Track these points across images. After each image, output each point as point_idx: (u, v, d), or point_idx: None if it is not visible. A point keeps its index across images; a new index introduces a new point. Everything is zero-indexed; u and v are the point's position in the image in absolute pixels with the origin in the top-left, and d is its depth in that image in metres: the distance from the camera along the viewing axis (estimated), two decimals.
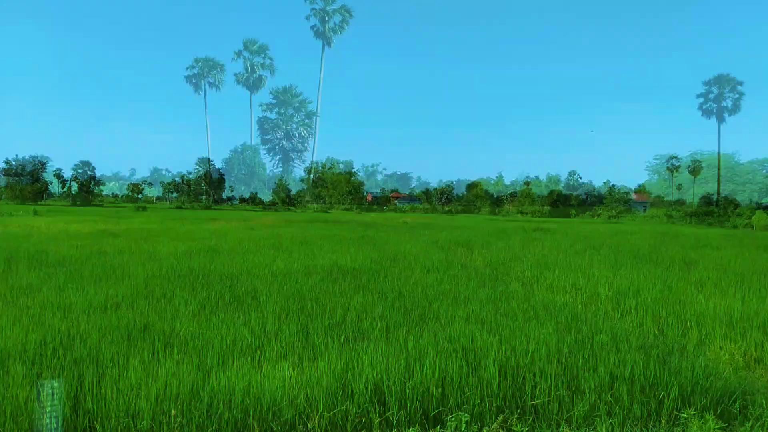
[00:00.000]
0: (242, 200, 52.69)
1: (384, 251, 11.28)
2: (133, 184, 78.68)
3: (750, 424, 3.35)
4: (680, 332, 5.30)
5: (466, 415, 3.26)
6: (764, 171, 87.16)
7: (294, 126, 55.18)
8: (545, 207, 69.91)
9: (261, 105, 55.67)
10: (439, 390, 3.57)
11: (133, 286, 7.04)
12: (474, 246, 13.27)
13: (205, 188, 67.13)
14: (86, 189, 69.45)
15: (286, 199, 51.38)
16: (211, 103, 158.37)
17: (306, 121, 56.37)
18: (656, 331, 5.39)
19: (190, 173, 69.97)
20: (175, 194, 76.38)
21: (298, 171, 63.28)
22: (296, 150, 55.85)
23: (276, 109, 55.72)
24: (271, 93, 55.39)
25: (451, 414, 3.33)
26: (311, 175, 61.17)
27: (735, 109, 63.49)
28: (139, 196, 76.42)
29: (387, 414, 3.33)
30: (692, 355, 4.52)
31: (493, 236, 17.01)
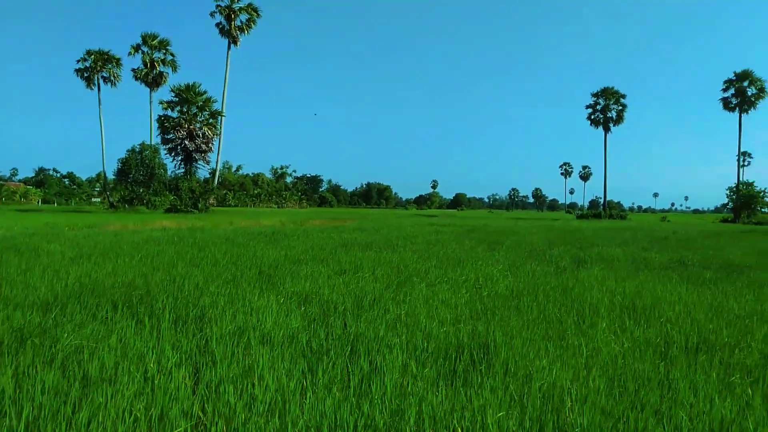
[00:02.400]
0: (142, 202, 49.61)
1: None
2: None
3: None
4: None
5: None
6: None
7: (198, 125, 52.53)
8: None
9: (161, 102, 52.41)
10: None
11: None
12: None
13: (99, 190, 62.43)
14: None
15: (188, 202, 48.81)
16: (106, 99, 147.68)
17: (210, 120, 53.80)
18: None
19: (92, 176, 64.67)
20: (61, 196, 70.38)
21: (203, 172, 60.45)
22: (200, 150, 53.07)
23: (178, 108, 52.76)
24: (172, 90, 52.32)
25: None
26: (216, 177, 58.65)
27: (619, 119, 69.11)
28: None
29: None
30: None
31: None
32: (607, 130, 69.55)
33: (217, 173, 59.35)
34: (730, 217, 62.78)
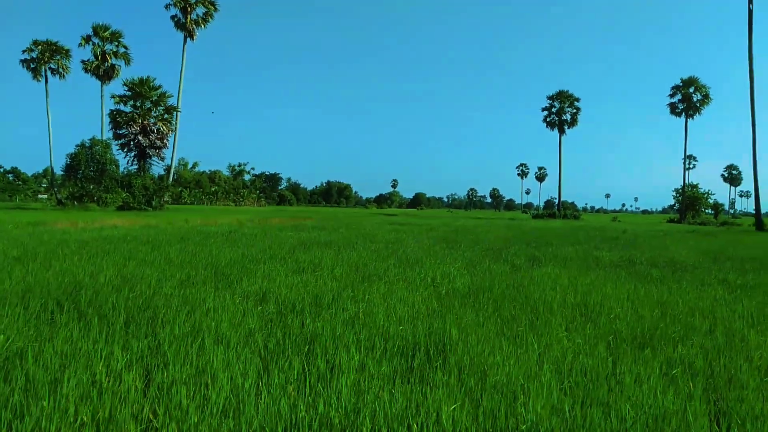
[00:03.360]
0: (93, 199, 47.69)
1: None
2: None
3: None
4: None
5: None
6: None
7: (152, 121, 50.95)
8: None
9: (114, 96, 50.50)
10: None
11: None
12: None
13: (46, 186, 59.60)
14: None
15: (142, 199, 47.36)
16: (54, 91, 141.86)
17: (165, 116, 52.29)
18: None
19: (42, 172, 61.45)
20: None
21: (157, 169, 58.70)
22: (154, 146, 51.46)
23: (131, 102, 51.02)
24: (125, 84, 50.46)
25: None
26: (171, 174, 57.10)
27: (573, 122, 71.12)
28: None
29: None
30: None
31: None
32: (561, 132, 71.47)
33: (172, 170, 57.79)
34: (676, 218, 65.55)
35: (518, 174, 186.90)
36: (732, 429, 2.88)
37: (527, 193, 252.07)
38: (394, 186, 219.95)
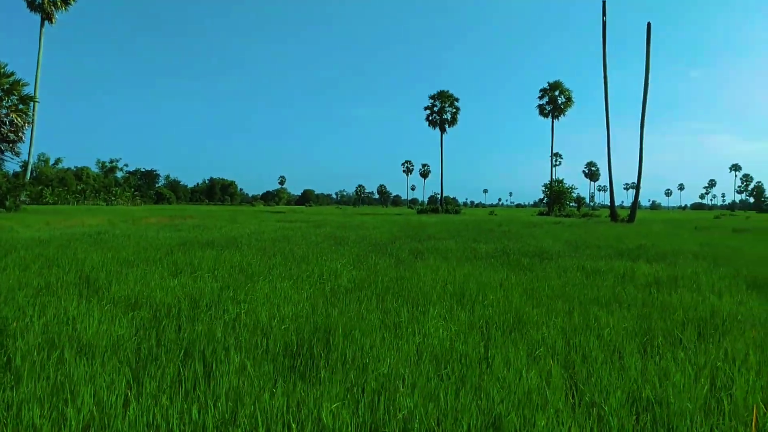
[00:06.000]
0: None
1: None
2: None
3: None
4: None
5: None
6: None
7: (4, 111, 45.24)
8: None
9: None
10: None
11: None
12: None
13: None
14: None
15: None
16: None
17: (21, 106, 46.66)
18: None
19: None
20: None
21: (12, 165, 52.51)
22: (7, 140, 45.75)
23: None
24: None
25: None
26: (29, 171, 51.36)
27: (453, 121, 74.64)
28: None
29: None
30: None
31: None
32: (443, 130, 74.68)
33: (30, 167, 51.97)
34: (545, 210, 71.32)
35: (404, 171, 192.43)
36: (584, 399, 3.20)
37: (413, 189, 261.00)
38: (281, 183, 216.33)
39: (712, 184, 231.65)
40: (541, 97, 71.48)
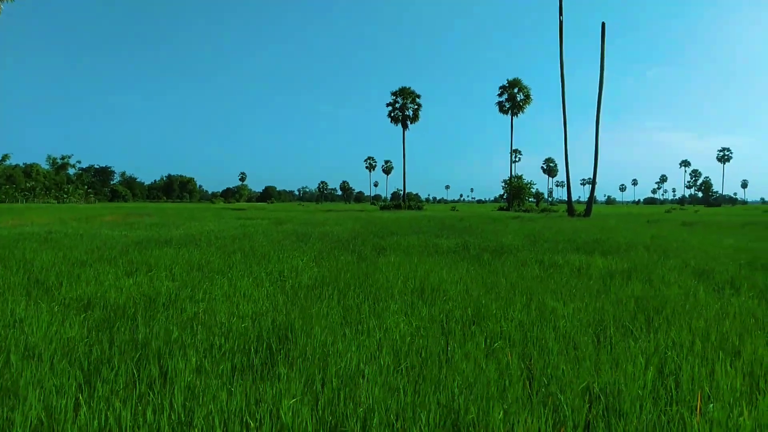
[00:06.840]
0: None
1: None
2: None
3: None
4: None
5: None
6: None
7: None
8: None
9: None
10: None
11: None
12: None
13: None
14: None
15: None
16: None
17: None
18: None
19: None
20: None
21: None
22: None
23: None
24: None
25: None
26: None
27: (415, 117, 75.02)
28: None
29: None
30: None
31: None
32: (405, 127, 74.97)
33: None
34: (505, 206, 72.66)
35: (366, 167, 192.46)
36: (540, 390, 3.28)
37: (375, 185, 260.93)
38: (242, 179, 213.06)
39: (663, 179, 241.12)
40: (500, 95, 72.60)
